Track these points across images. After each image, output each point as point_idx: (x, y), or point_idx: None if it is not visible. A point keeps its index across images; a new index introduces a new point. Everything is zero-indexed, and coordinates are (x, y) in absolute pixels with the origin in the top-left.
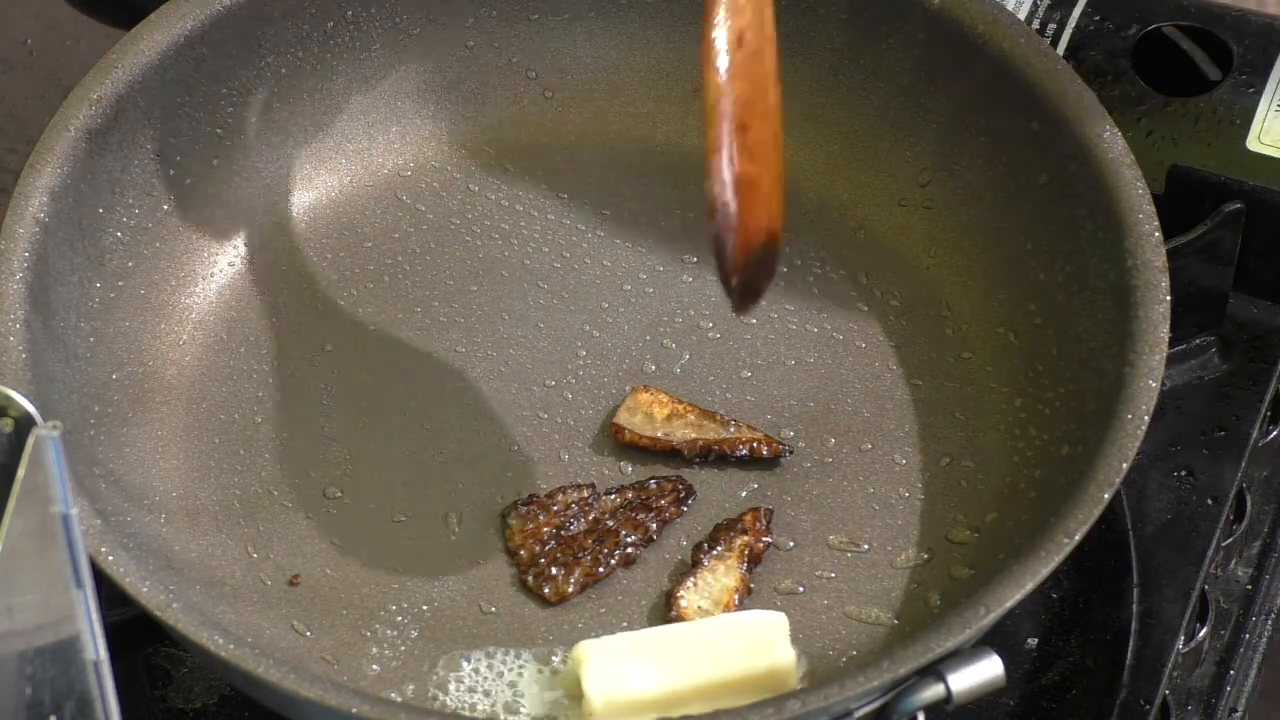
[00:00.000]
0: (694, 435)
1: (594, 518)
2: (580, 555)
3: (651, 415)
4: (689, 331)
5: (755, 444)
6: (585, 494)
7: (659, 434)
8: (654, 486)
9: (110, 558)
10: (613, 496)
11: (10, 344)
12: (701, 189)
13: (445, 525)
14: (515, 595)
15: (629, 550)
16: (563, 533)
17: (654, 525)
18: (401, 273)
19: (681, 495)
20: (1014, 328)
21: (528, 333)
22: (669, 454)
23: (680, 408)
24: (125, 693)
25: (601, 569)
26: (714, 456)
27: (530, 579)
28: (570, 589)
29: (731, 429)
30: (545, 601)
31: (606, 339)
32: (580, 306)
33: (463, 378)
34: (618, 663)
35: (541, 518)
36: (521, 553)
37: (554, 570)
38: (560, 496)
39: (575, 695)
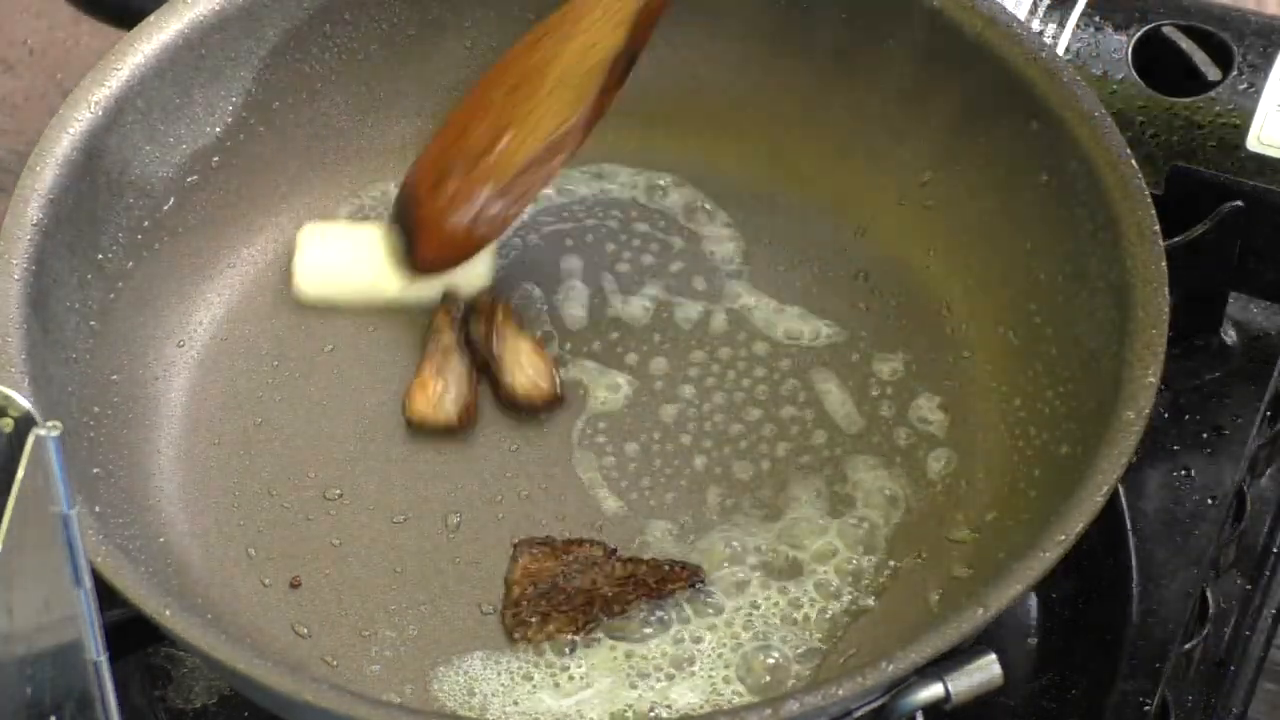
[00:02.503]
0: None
1: (595, 580)
2: (561, 610)
3: None
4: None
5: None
6: (600, 553)
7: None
8: (669, 570)
9: (109, 560)
10: (625, 564)
11: (10, 345)
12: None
13: (445, 525)
14: None
15: (610, 620)
16: (559, 583)
17: (646, 603)
18: None
19: (694, 585)
20: (1014, 327)
21: (529, 323)
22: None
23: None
24: (125, 693)
25: (574, 631)
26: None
27: (506, 617)
28: (539, 638)
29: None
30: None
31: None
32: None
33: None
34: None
35: (549, 564)
36: (514, 589)
37: (530, 618)
38: (576, 549)
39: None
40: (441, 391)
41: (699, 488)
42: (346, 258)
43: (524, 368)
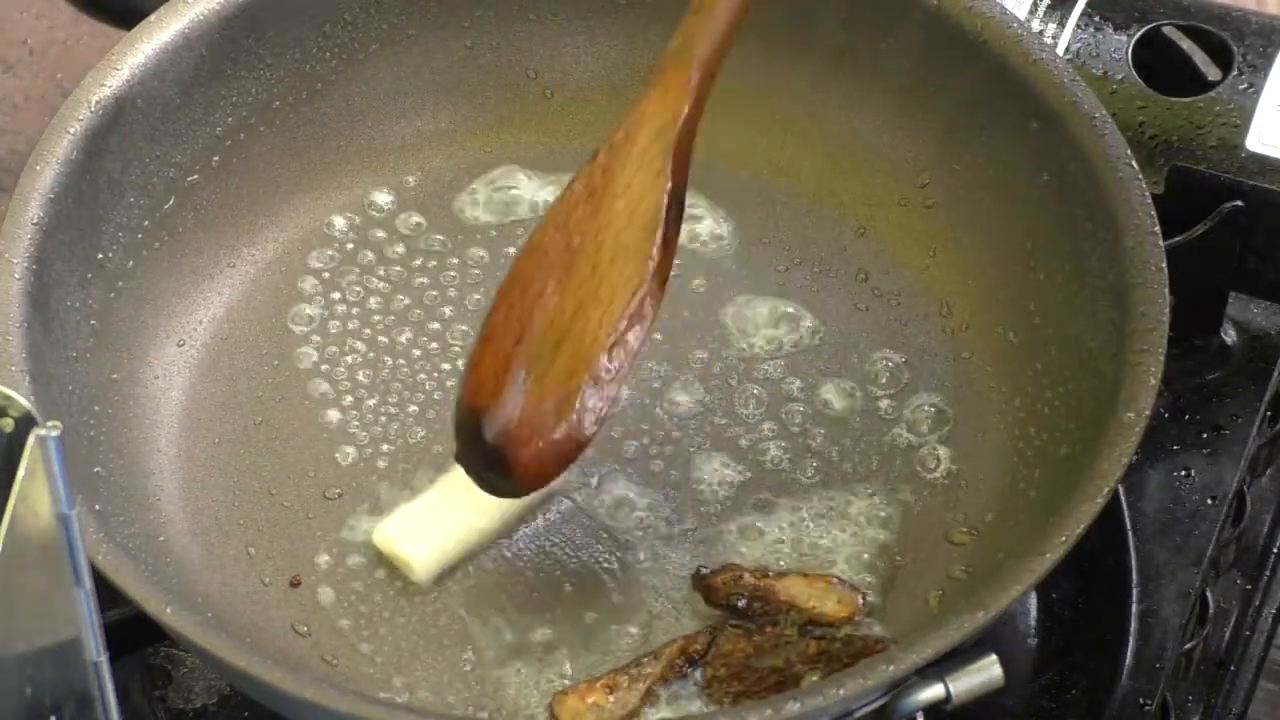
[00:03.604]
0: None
1: (788, 658)
2: (755, 691)
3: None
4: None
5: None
6: (793, 633)
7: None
8: (862, 645)
9: (110, 559)
10: (818, 641)
11: (10, 344)
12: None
13: None
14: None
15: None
16: (751, 663)
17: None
18: (404, 271)
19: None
20: (1014, 327)
21: None
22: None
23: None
24: (125, 693)
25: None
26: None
27: (704, 697)
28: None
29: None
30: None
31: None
32: None
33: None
34: (419, 527)
35: (743, 644)
36: (708, 669)
37: (723, 699)
38: (771, 629)
39: (400, 572)
40: (599, 706)
41: (697, 489)
42: (441, 526)
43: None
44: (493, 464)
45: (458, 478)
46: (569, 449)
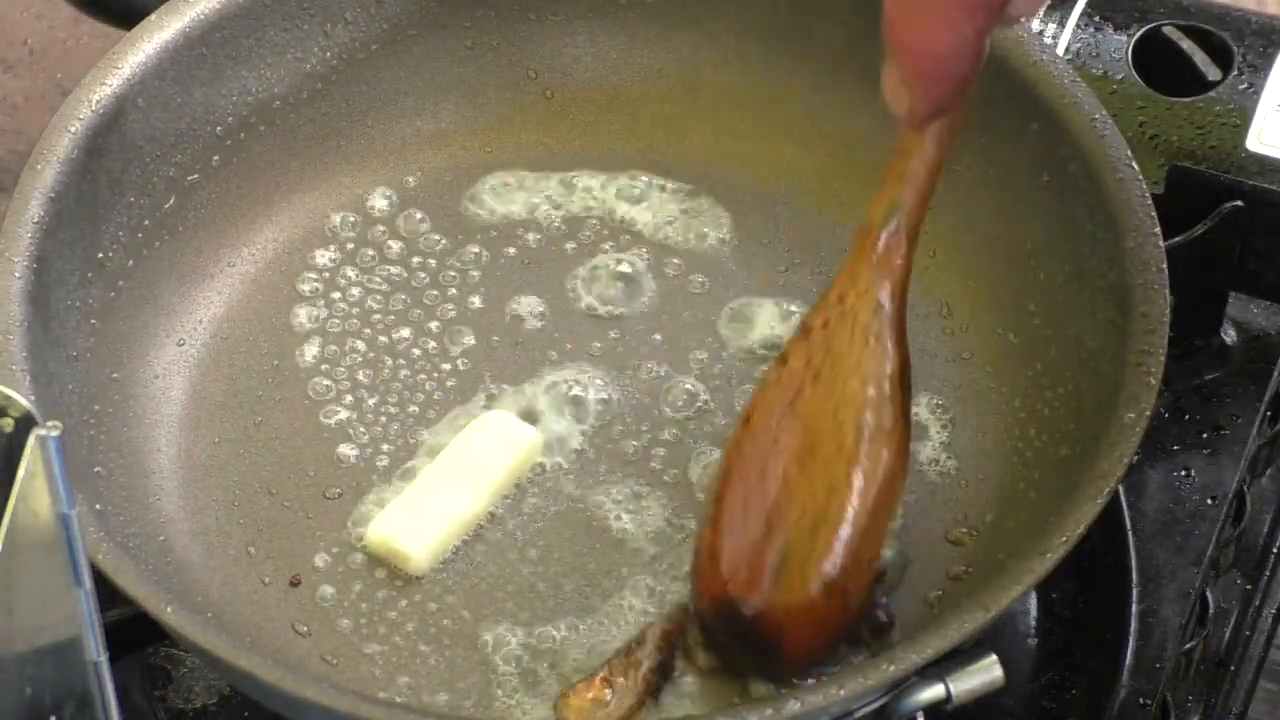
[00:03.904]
0: None
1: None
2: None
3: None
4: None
5: None
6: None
7: None
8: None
9: (110, 558)
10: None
11: (11, 343)
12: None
13: None
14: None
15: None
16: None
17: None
18: (404, 270)
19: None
20: (1014, 328)
21: (530, 324)
22: None
23: None
24: (125, 693)
25: (637, 705)
26: None
27: (616, 657)
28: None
29: None
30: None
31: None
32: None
33: (465, 374)
34: (411, 518)
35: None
36: (640, 646)
37: (620, 677)
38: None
39: (399, 571)
40: (602, 701)
41: (698, 488)
42: (431, 515)
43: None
44: (759, 649)
45: (438, 467)
46: (842, 625)
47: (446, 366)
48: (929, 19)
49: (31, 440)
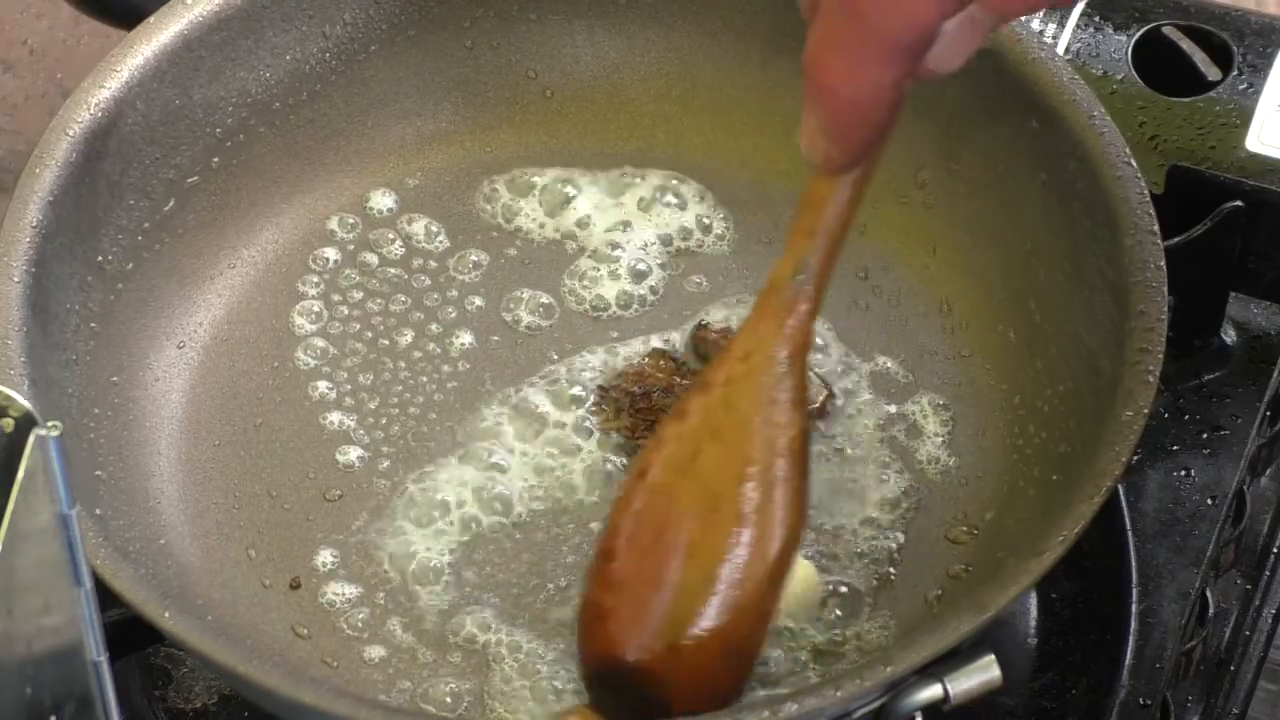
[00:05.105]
0: None
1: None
2: (636, 413)
3: None
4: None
5: None
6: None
7: None
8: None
9: (109, 563)
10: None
11: (10, 346)
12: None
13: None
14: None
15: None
16: (654, 397)
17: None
18: (404, 272)
19: None
20: (1014, 326)
21: (531, 325)
22: None
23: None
24: (125, 693)
25: (630, 435)
26: None
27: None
28: (606, 426)
29: None
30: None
31: (609, 329)
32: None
33: (465, 375)
34: None
35: (661, 377)
36: (621, 379)
37: (605, 405)
38: (691, 376)
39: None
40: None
41: None
42: None
43: None
44: (647, 709)
45: None
46: (734, 685)
47: (447, 368)
48: (848, 65)
49: (31, 440)
